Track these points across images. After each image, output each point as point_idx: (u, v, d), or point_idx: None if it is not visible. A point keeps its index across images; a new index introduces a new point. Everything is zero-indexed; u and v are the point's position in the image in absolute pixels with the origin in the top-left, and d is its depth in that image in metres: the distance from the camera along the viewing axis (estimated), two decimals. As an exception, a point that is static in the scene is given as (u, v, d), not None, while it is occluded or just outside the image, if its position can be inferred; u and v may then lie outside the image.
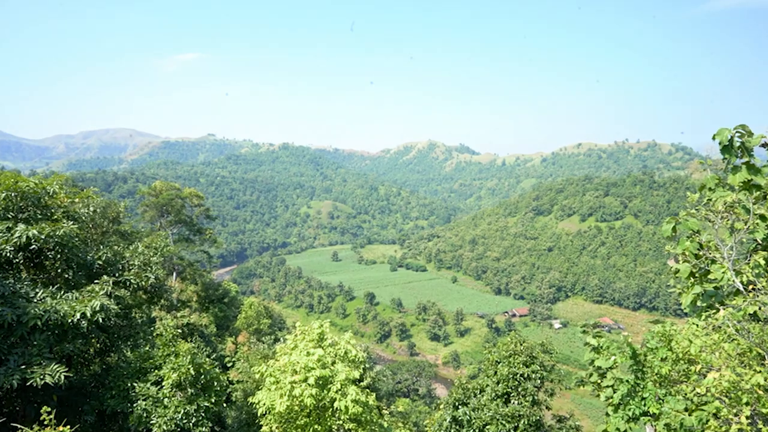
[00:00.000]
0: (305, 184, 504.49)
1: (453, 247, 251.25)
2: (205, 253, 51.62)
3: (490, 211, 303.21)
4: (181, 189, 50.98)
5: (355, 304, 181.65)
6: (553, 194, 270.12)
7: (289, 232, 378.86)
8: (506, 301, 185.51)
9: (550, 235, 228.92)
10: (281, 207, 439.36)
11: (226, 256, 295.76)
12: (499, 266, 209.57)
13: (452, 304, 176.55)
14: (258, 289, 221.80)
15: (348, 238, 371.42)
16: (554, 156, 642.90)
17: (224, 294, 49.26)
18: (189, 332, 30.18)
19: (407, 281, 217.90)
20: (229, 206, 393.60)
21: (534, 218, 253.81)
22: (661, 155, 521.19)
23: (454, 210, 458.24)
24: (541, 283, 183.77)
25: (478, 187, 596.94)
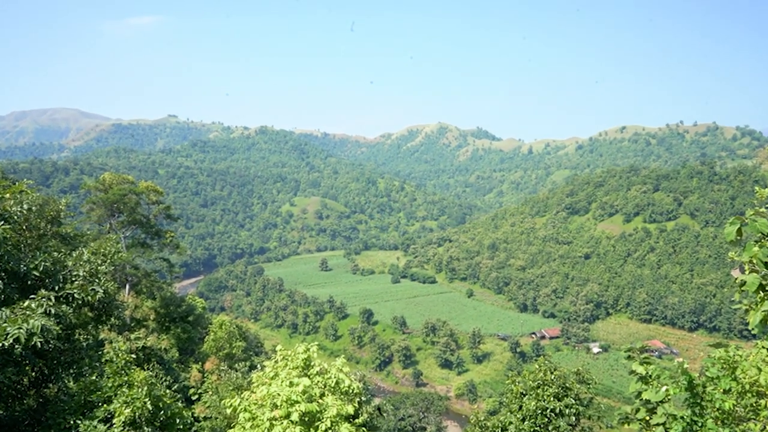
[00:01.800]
0: (287, 177, 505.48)
1: (468, 254, 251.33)
2: (165, 260, 51.65)
3: (514, 210, 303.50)
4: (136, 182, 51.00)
5: (349, 323, 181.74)
6: (590, 189, 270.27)
7: (267, 235, 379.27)
8: (533, 320, 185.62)
9: (587, 238, 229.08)
10: (258, 204, 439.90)
11: (191, 265, 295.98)
12: (524, 277, 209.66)
13: (467, 324, 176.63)
14: (230, 304, 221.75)
15: (340, 242, 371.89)
16: (592, 142, 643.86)
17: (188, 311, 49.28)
18: (145, 358, 30.21)
19: (412, 295, 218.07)
20: (194, 203, 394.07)
21: (567, 218, 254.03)
22: (723, 141, 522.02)
23: (470, 208, 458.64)
24: (576, 298, 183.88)
25: (498, 180, 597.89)
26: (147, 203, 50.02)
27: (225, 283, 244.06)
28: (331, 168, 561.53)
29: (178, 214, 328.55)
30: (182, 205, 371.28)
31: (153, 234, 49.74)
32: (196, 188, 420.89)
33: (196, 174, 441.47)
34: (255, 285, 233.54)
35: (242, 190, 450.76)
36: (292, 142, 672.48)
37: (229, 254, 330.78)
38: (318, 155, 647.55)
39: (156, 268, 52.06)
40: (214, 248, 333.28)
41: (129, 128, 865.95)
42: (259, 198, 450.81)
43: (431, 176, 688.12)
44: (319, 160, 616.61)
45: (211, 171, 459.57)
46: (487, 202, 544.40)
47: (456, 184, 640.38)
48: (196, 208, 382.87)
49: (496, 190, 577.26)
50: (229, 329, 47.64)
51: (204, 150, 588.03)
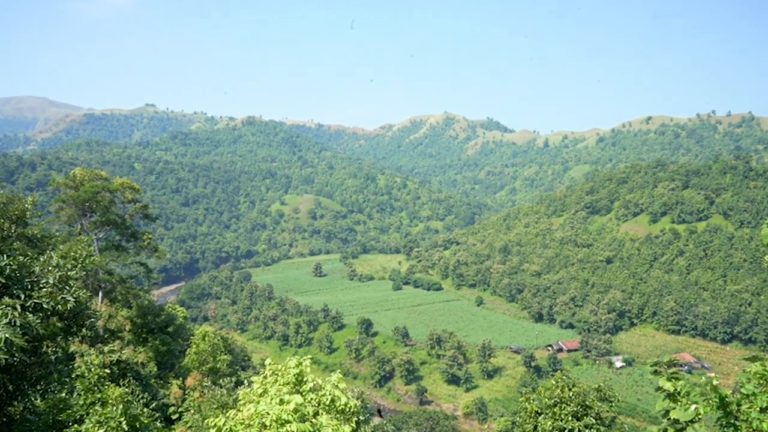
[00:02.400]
0: (278, 173, 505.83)
1: (478, 258, 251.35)
2: (142, 265, 51.69)
3: (528, 209, 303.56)
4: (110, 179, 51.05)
5: (346, 334, 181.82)
6: (613, 186, 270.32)
7: (255, 237, 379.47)
8: (550, 331, 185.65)
9: (609, 241, 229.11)
10: (245, 203, 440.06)
11: (171, 270, 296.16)
12: (540, 283, 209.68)
13: (476, 335, 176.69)
14: (214, 314, 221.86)
15: (336, 245, 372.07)
16: (615, 134, 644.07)
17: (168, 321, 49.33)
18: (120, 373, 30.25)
19: (415, 304, 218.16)
20: (174, 202, 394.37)
21: (587, 218, 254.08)
22: (760, 133, 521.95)
23: (479, 207, 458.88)
24: (597, 307, 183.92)
25: (511, 176, 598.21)
26: (122, 202, 50.06)
27: (208, 290, 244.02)
28: (326, 163, 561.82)
29: (157, 214, 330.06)
30: (161, 204, 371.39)
31: (129, 236, 49.75)
32: (177, 185, 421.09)
33: (176, 169, 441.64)
34: (241, 292, 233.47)
35: (227, 187, 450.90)
36: (283, 135, 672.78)
37: (212, 258, 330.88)
38: (311, 149, 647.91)
39: (132, 273, 52.08)
40: (196, 251, 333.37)
41: (102, 119, 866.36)
42: (247, 196, 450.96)
43: (436, 172, 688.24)
44: (313, 154, 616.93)
45: (193, 166, 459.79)
46: (499, 201, 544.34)
47: (464, 180, 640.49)
48: (176, 207, 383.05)
49: (509, 187, 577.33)
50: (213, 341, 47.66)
51: (185, 143, 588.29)
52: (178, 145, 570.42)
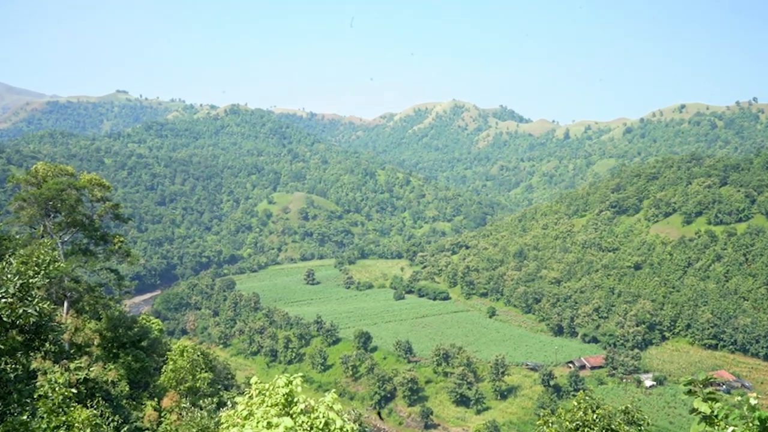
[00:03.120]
0: (265, 168, 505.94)
1: (490, 264, 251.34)
2: (113, 272, 51.72)
3: (547, 209, 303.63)
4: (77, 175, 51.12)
5: (341, 349, 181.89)
6: (642, 182, 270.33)
7: (240, 240, 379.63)
8: (571, 346, 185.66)
9: (637, 244, 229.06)
10: (229, 202, 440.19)
11: (145, 277, 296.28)
12: (559, 292, 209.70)
13: (488, 350, 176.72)
14: (193, 326, 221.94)
15: (330, 249, 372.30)
16: (644, 124, 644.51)
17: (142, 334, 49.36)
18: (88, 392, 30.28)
19: (420, 315, 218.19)
20: (149, 201, 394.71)
21: (613, 219, 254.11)
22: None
23: (492, 206, 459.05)
24: (624, 319, 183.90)
25: (528, 171, 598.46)
26: (90, 200, 50.10)
27: (187, 299, 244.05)
28: (320, 156, 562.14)
29: (129, 214, 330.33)
30: (134, 203, 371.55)
31: (98, 239, 49.79)
32: (152, 181, 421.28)
33: (151, 164, 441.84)
34: (224, 302, 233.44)
35: (209, 184, 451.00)
36: (271, 125, 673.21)
37: (192, 264, 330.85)
38: (303, 141, 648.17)
39: (101, 280, 52.11)
40: (173, 256, 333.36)
41: (68, 107, 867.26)
42: (230, 194, 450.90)
43: (443, 166, 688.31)
44: (304, 147, 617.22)
45: (170, 160, 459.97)
46: (513, 199, 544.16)
47: (474, 176, 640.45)
48: (151, 207, 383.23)
49: (525, 184, 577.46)
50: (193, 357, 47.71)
51: (161, 134, 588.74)
52: (153, 137, 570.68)
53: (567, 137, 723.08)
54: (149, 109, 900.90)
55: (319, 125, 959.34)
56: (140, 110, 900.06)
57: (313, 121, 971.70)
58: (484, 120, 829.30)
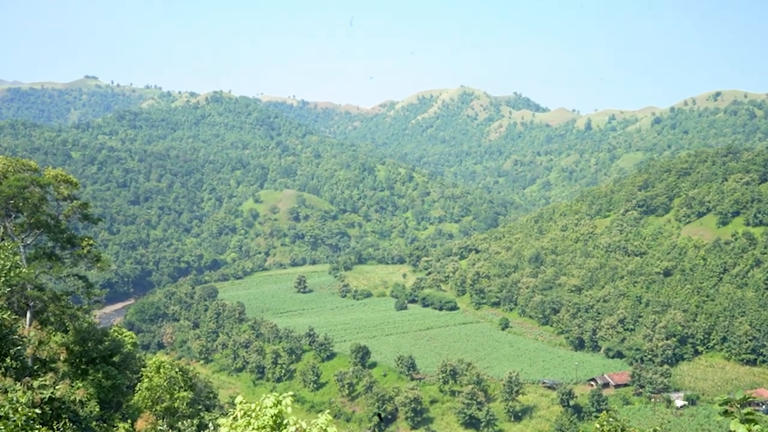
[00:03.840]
0: (251, 162, 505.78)
1: (503, 270, 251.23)
2: (81, 278, 51.74)
3: (566, 208, 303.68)
4: (41, 170, 51.11)
5: (336, 365, 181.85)
6: (672, 179, 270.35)
7: (223, 243, 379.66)
8: (593, 361, 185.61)
9: (667, 248, 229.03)
10: (210, 201, 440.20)
11: (117, 285, 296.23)
12: (580, 302, 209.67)
13: (501, 366, 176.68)
14: (171, 340, 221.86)
15: (324, 253, 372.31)
16: (674, 114, 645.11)
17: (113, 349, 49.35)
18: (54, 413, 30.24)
19: (424, 327, 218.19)
20: (121, 199, 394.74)
21: (640, 220, 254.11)
22: None
23: (505, 205, 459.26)
24: (653, 331, 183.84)
25: (545, 166, 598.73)
26: (56, 199, 50.10)
27: (164, 309, 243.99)
28: (312, 150, 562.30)
29: (99, 214, 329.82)
30: (105, 202, 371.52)
31: (64, 241, 49.81)
32: (124, 178, 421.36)
33: (123, 158, 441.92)
34: (206, 312, 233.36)
35: (188, 180, 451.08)
36: (258, 114, 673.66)
37: (169, 270, 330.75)
38: (293, 132, 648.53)
39: (68, 288, 52.09)
40: (148, 261, 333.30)
41: (31, 94, 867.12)
42: (212, 192, 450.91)
43: (451, 161, 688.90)
44: (295, 139, 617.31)
45: (145, 154, 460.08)
46: (529, 197, 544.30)
47: (485, 171, 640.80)
48: (123, 206, 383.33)
49: (541, 181, 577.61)
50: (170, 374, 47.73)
51: (135, 125, 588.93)
52: (125, 128, 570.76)
53: (589, 128, 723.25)
54: (122, 97, 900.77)
55: (311, 115, 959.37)
56: (111, 98, 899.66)
57: (304, 110, 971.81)
58: (495, 109, 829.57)
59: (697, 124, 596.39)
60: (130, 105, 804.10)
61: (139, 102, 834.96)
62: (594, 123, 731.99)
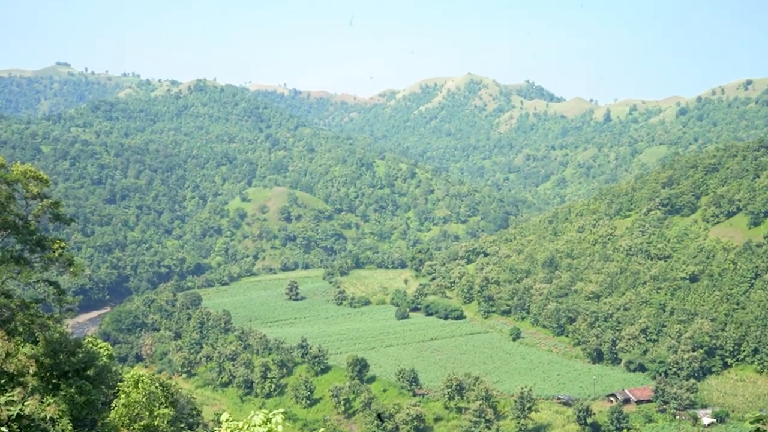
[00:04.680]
0: (238, 157, 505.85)
1: (514, 275, 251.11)
2: (53, 284, 51.71)
3: (583, 207, 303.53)
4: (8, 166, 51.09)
5: (331, 379, 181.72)
6: (699, 175, 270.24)
7: (207, 245, 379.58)
8: (613, 375, 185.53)
9: (693, 251, 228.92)
10: (194, 199, 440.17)
11: (92, 291, 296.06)
12: (599, 310, 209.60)
13: (512, 381, 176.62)
14: (150, 351, 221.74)
15: (317, 256, 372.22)
16: (701, 104, 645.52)
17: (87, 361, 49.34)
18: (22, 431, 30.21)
19: (427, 337, 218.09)
20: (96, 197, 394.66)
21: (664, 220, 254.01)
22: None
23: (516, 204, 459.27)
24: (678, 342, 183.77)
25: (560, 161, 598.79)
26: (24, 197, 50.08)
27: (143, 318, 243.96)
28: (305, 143, 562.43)
29: (72, 214, 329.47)
30: (78, 201, 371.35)
31: (33, 244, 49.79)
32: (100, 174, 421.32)
33: (98, 152, 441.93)
34: (188, 322, 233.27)
35: (169, 176, 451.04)
36: (245, 104, 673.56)
37: (148, 275, 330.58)
38: (284, 124, 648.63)
39: (38, 295, 52.10)
40: (126, 266, 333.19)
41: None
42: (195, 189, 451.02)
43: (456, 155, 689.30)
44: (286, 132, 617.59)
45: (122, 148, 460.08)
46: (542, 196, 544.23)
47: (494, 167, 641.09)
48: (99, 205, 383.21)
49: (556, 177, 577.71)
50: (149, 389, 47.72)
51: (111, 116, 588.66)
52: (101, 119, 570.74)
53: (608, 120, 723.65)
54: (96, 86, 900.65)
55: (304, 105, 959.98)
56: (85, 87, 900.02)
57: (296, 100, 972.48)
58: (506, 99, 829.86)
59: (726, 115, 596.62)
60: (105, 94, 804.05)
61: (115, 91, 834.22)
62: (614, 114, 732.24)
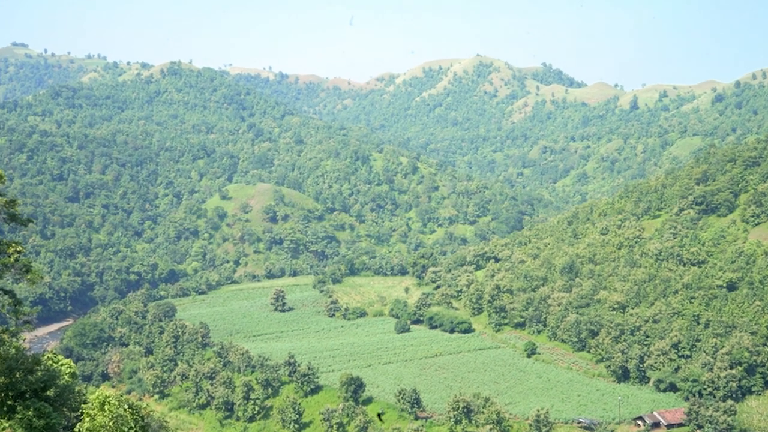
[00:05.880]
0: (217, 149, 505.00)
1: (528, 283, 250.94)
2: (7, 293, 51.66)
3: (606, 206, 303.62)
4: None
5: (322, 401, 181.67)
6: (737, 170, 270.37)
7: (182, 250, 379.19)
8: (640, 395, 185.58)
9: (731, 255, 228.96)
10: (167, 197, 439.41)
11: (52, 301, 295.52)
12: (624, 322, 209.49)
13: (526, 402, 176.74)
14: (118, 369, 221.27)
15: (306, 261, 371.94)
16: (740, 90, 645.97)
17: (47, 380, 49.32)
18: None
19: (431, 354, 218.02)
20: (57, 195, 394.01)
21: (698, 221, 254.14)
22: None
23: (531, 202, 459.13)
24: (714, 358, 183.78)
25: (580, 154, 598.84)
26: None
27: (109, 332, 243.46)
28: (292, 134, 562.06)
29: (29, 214, 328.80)
30: (36, 199, 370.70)
31: (-14, 248, 49.75)
32: (61, 169, 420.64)
33: (59, 144, 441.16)
34: (161, 336, 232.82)
35: (139, 172, 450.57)
36: (225, 90, 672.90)
37: (116, 283, 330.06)
38: (269, 112, 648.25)
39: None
40: (90, 273, 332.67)
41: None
42: (169, 186, 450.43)
43: (464, 148, 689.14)
44: (272, 121, 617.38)
45: (86, 139, 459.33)
46: (561, 193, 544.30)
47: (507, 161, 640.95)
48: (60, 204, 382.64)
49: (576, 172, 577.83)
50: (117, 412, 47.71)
51: (74, 103, 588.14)
52: (62, 107, 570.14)
53: (635, 107, 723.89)
54: (57, 69, 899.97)
55: (291, 90, 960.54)
56: (45, 70, 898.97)
57: (283, 85, 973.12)
58: (519, 84, 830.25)
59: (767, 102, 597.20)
60: (67, 79, 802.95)
61: (78, 75, 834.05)
62: (641, 101, 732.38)
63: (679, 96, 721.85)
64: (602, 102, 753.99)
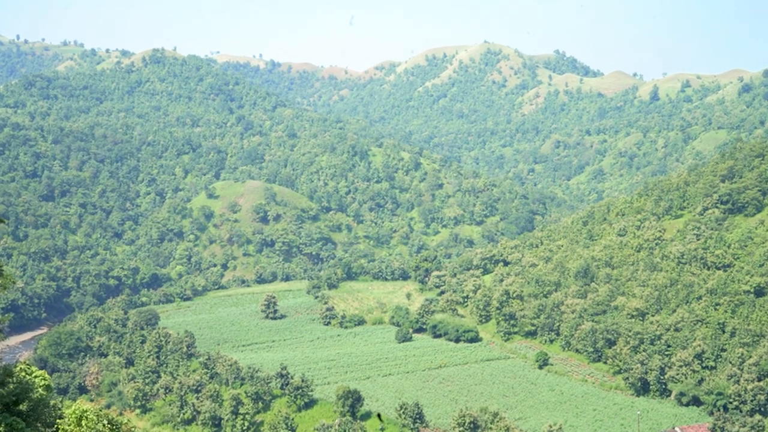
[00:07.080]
0: (203, 144, 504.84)
1: (540, 288, 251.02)
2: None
3: (625, 205, 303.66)
4: None
5: (317, 415, 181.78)
6: (766, 166, 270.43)
7: (166, 252, 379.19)
8: (661, 410, 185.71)
9: (759, 258, 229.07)
10: (149, 196, 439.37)
11: (24, 308, 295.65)
12: (644, 330, 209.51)
13: (538, 417, 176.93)
14: (96, 382, 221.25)
15: (299, 265, 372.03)
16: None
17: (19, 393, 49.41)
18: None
19: (435, 365, 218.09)
20: (30, 193, 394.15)
21: (724, 221, 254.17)
22: None
23: (542, 202, 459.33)
24: (740, 370, 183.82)
25: (596, 149, 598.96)
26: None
27: (87, 341, 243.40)
28: (285, 127, 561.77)
29: (1, 214, 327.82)
30: (7, 197, 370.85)
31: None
32: (34, 165, 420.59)
33: (33, 138, 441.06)
34: (142, 346, 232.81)
35: (119, 168, 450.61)
36: (212, 80, 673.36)
37: (94, 288, 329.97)
38: (260, 103, 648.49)
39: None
40: (67, 277, 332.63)
41: None
42: (151, 183, 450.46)
43: (471, 142, 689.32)
44: (262, 113, 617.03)
45: (62, 133, 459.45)
46: (575, 191, 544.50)
47: (516, 156, 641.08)
48: (33, 203, 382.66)
49: (592, 169, 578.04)
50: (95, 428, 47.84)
51: (48, 94, 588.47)
52: (36, 98, 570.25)
53: (655, 98, 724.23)
54: (30, 57, 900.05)
55: (284, 80, 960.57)
56: (17, 58, 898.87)
57: (275, 75, 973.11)
58: (530, 73, 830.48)
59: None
60: (41, 68, 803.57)
61: (53, 64, 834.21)
62: (662, 91, 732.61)
63: (703, 86, 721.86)
64: (620, 92, 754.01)
